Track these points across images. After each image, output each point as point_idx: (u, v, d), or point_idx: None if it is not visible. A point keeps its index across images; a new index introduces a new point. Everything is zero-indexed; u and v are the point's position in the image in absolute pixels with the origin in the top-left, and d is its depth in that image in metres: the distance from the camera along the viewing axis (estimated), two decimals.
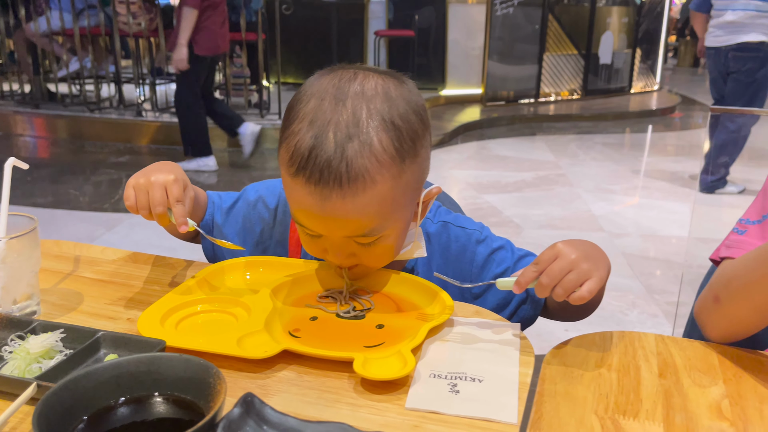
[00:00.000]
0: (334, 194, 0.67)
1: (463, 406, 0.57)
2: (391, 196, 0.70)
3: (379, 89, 0.70)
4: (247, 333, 0.66)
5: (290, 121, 0.70)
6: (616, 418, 0.56)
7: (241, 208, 0.92)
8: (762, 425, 0.56)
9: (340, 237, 0.72)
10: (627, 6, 7.66)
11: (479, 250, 0.85)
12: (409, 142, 0.70)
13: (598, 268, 0.66)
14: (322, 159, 0.66)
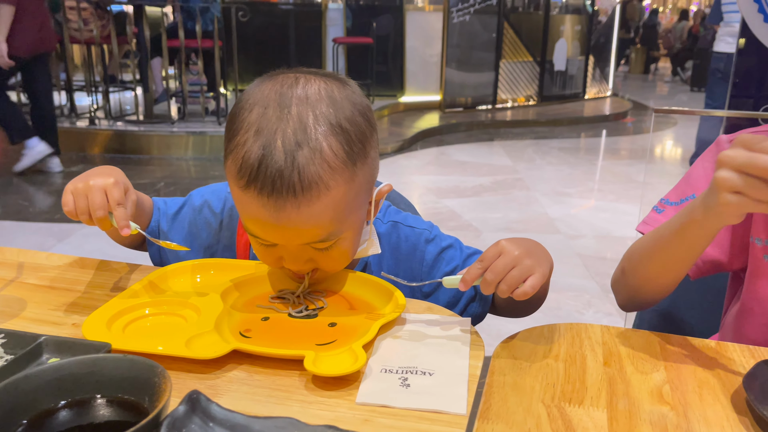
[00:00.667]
0: (289, 204, 0.66)
1: (413, 399, 0.57)
2: (345, 200, 0.69)
3: (323, 93, 0.70)
4: (196, 334, 0.65)
5: (234, 132, 0.69)
6: (562, 406, 0.58)
7: (186, 214, 0.91)
8: (700, 407, 0.58)
9: (296, 245, 0.71)
10: (580, 14, 7.88)
11: (429, 249, 0.86)
12: (358, 144, 0.70)
13: (541, 264, 0.68)
14: (272, 169, 0.65)
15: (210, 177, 4.51)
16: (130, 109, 5.44)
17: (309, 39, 6.75)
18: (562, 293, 2.78)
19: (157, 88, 5.37)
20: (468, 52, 6.96)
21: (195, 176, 4.58)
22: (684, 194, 0.83)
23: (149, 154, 4.94)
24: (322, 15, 6.71)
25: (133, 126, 5.11)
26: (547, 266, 0.70)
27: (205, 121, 5.16)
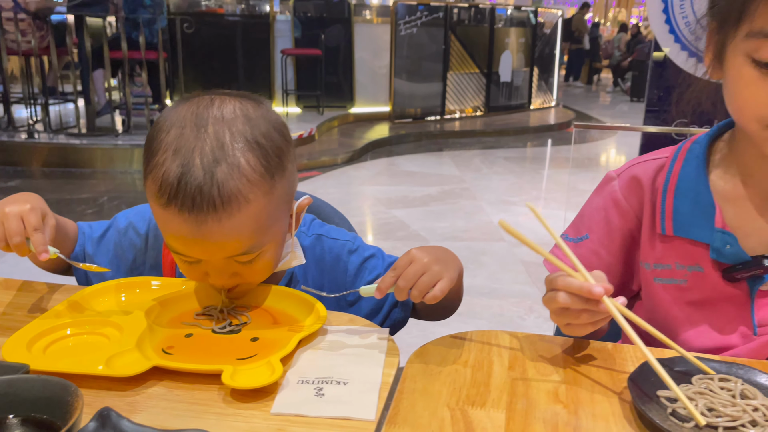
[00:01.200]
0: (210, 218, 0.68)
1: (326, 408, 0.60)
2: (265, 212, 0.72)
3: (238, 111, 0.72)
4: (117, 353, 0.66)
5: (153, 152, 0.71)
6: (465, 409, 0.62)
7: (112, 236, 0.92)
8: (591, 405, 0.63)
9: (220, 259, 0.73)
10: (524, 27, 8.12)
11: (352, 259, 0.90)
12: (275, 158, 0.73)
13: (449, 269, 0.73)
14: (192, 186, 0.67)
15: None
16: (72, 122, 5.30)
17: (257, 50, 6.74)
18: (506, 299, 2.87)
19: (100, 100, 5.26)
20: (416, 64, 7.08)
21: (140, 190, 4.50)
22: (579, 233, 0.88)
23: (92, 167, 4.83)
24: (270, 26, 6.71)
25: (75, 139, 4.99)
26: (454, 271, 0.74)
27: None
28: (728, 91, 0.71)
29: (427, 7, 7.01)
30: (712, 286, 0.78)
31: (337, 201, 4.38)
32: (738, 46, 0.68)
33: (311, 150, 5.54)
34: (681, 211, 0.79)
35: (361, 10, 7.61)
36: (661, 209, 0.80)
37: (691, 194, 0.78)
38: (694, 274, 0.79)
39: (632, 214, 0.84)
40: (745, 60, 0.67)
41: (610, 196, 0.86)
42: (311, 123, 6.10)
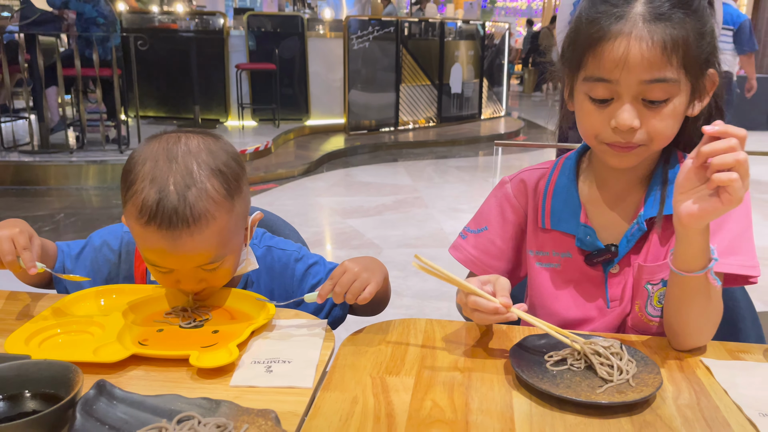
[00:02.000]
0: (184, 234, 0.84)
1: (274, 380, 0.77)
2: (227, 227, 0.89)
3: (202, 146, 0.90)
4: (101, 345, 0.81)
5: (131, 182, 0.87)
6: (383, 377, 0.79)
7: (88, 253, 1.07)
8: (482, 371, 0.81)
9: (191, 268, 0.89)
10: (472, 40, 8.41)
11: (298, 266, 1.07)
12: (234, 182, 0.90)
13: (375, 275, 0.92)
14: (169, 208, 0.83)
15: (112, 206, 4.50)
16: (24, 139, 5.29)
17: (212, 65, 6.82)
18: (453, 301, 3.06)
19: (53, 116, 5.27)
20: (370, 77, 7.27)
21: (96, 206, 4.54)
22: (480, 225, 1.09)
23: (46, 184, 4.84)
24: (225, 42, 6.81)
25: (28, 156, 4.99)
26: (380, 276, 0.93)
27: (106, 150, 5.12)
28: (577, 119, 0.94)
29: (379, 21, 7.23)
30: (577, 268, 1.00)
31: (294, 212, 4.54)
32: (580, 86, 0.90)
33: (268, 163, 5.66)
34: (556, 209, 1.01)
35: (314, 25, 7.78)
36: (542, 208, 1.03)
37: (564, 196, 1.01)
38: (565, 260, 1.01)
39: (521, 210, 1.06)
40: (584, 97, 0.90)
41: (504, 196, 1.07)
42: (267, 136, 6.22)
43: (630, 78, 0.84)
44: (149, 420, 0.63)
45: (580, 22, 0.89)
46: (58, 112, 5.32)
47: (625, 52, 0.83)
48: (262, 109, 7.02)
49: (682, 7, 0.85)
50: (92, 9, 4.91)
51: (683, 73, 0.85)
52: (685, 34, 0.84)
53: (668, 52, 0.83)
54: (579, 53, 0.88)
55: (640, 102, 0.86)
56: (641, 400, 0.73)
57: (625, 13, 0.84)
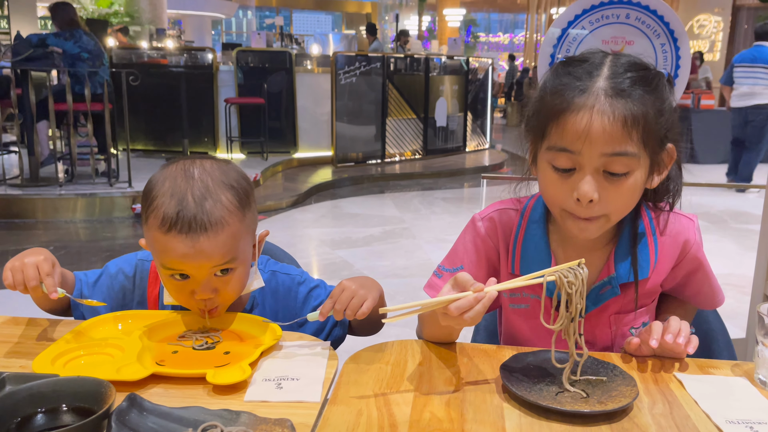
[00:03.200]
0: (202, 237, 0.94)
1: (284, 395, 0.83)
2: (239, 233, 0.99)
3: (215, 166, 1.01)
4: (123, 365, 0.88)
5: (152, 199, 0.97)
6: (385, 391, 0.86)
7: (104, 281, 1.14)
8: (475, 386, 0.89)
9: (205, 272, 0.97)
10: (457, 75, 8.62)
11: (300, 290, 1.15)
12: (244, 196, 1.01)
13: (371, 292, 1.00)
14: (189, 216, 0.94)
15: (102, 239, 4.53)
16: (14, 172, 5.32)
17: (201, 100, 6.93)
18: None
19: (43, 150, 5.31)
20: (356, 111, 7.42)
21: (85, 239, 4.57)
22: (454, 264, 1.10)
23: (35, 218, 4.86)
24: (214, 77, 6.94)
25: (17, 189, 5.01)
26: (376, 292, 1.01)
27: (96, 183, 5.16)
28: (540, 186, 0.98)
29: (365, 57, 7.42)
30: (546, 311, 1.02)
31: (284, 244, 4.56)
32: (543, 155, 0.94)
33: (256, 195, 5.64)
34: (526, 256, 1.05)
35: (302, 60, 7.95)
36: (513, 254, 1.07)
37: (533, 244, 1.05)
38: (535, 301, 1.07)
39: (493, 249, 1.09)
40: (547, 165, 0.93)
41: (477, 235, 1.09)
42: (256, 168, 6.31)
43: (592, 150, 0.87)
44: (177, 429, 0.69)
45: (545, 92, 0.93)
46: (49, 146, 5.37)
47: (587, 124, 0.86)
48: (250, 142, 7.12)
49: (642, 85, 0.89)
50: (74, 45, 4.98)
51: (642, 147, 0.89)
52: (645, 110, 0.88)
53: (628, 127, 0.87)
54: (543, 122, 0.92)
55: (601, 174, 0.89)
56: (620, 409, 0.81)
57: (588, 87, 0.88)
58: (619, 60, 0.92)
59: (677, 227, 1.06)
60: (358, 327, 1.14)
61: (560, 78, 0.92)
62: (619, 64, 0.91)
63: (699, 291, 1.12)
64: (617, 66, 0.91)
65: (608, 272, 1.03)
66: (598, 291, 1.04)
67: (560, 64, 0.96)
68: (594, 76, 0.90)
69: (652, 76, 0.92)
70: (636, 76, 0.90)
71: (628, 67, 0.91)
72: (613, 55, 0.94)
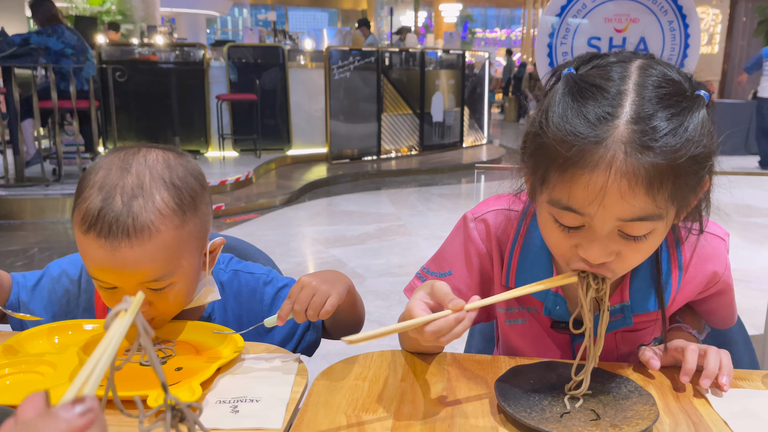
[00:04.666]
0: (123, 245, 0.78)
1: (240, 421, 0.70)
2: (175, 243, 0.82)
3: (160, 158, 0.84)
4: (53, 386, 0.74)
5: (81, 190, 0.82)
6: (360, 415, 0.73)
7: (45, 284, 0.99)
8: (465, 406, 0.76)
9: (134, 285, 0.82)
10: (453, 69, 8.50)
11: (267, 290, 1.01)
12: (188, 198, 0.84)
13: (336, 287, 0.86)
14: (110, 216, 0.78)
15: None
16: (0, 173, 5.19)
17: (192, 96, 6.79)
18: None
19: (29, 149, 5.18)
20: (351, 106, 7.29)
21: (72, 239, 4.42)
22: (442, 268, 0.95)
23: (21, 218, 4.73)
24: (205, 73, 6.80)
25: (3, 190, 4.88)
26: (342, 287, 0.87)
27: None
28: (541, 229, 0.80)
29: (360, 52, 7.28)
30: (543, 327, 0.92)
31: (276, 242, 4.46)
32: (544, 204, 0.75)
33: (249, 193, 5.59)
34: (523, 269, 0.89)
35: (295, 56, 7.81)
36: (508, 265, 0.91)
37: (533, 256, 0.89)
38: (532, 314, 0.93)
39: (486, 256, 0.93)
40: (549, 216, 0.75)
41: (469, 237, 0.93)
42: (248, 166, 6.18)
43: (605, 215, 0.69)
44: None
45: (547, 126, 0.71)
46: (34, 145, 5.24)
47: (602, 188, 0.67)
48: (243, 139, 6.98)
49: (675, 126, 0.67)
50: (57, 41, 4.85)
51: (670, 203, 0.70)
52: (676, 163, 0.67)
53: (654, 189, 0.67)
54: (543, 166, 0.72)
55: (616, 234, 0.72)
56: None
57: (604, 137, 0.67)
58: (645, 87, 0.69)
59: (707, 251, 0.89)
60: (333, 328, 1.01)
61: (568, 119, 0.69)
62: (645, 98, 0.68)
63: (716, 311, 0.99)
64: (643, 101, 0.68)
65: (621, 299, 0.88)
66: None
67: (570, 86, 0.72)
68: (612, 119, 0.67)
69: (688, 109, 0.69)
70: (668, 114, 0.68)
71: (658, 100, 0.68)
72: (638, 70, 0.71)
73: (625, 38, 1.59)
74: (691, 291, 0.91)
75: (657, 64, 0.73)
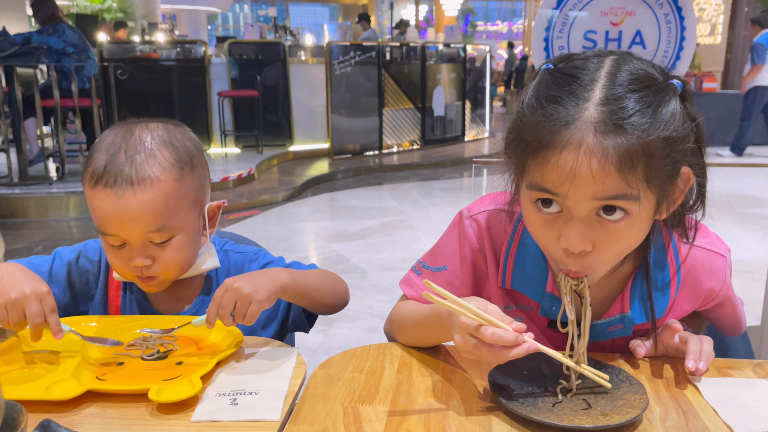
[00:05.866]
0: (128, 192, 0.87)
1: (238, 413, 0.72)
2: (174, 194, 0.91)
3: (161, 126, 0.95)
4: (55, 381, 0.76)
5: (90, 155, 0.93)
6: (356, 406, 0.75)
7: (60, 268, 1.03)
8: (460, 396, 0.77)
9: (139, 237, 0.89)
10: (454, 63, 8.48)
11: (252, 267, 1.06)
12: (185, 156, 0.94)
13: (260, 292, 0.86)
14: (116, 169, 0.88)
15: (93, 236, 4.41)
16: (3, 172, 5.22)
17: (193, 93, 6.81)
18: None
19: (32, 148, 5.20)
20: (352, 102, 7.30)
21: (77, 237, 4.46)
22: (437, 263, 0.96)
23: (25, 217, 4.76)
24: (206, 69, 6.81)
25: (7, 189, 4.91)
26: (268, 291, 0.87)
27: None
28: (525, 222, 0.81)
29: (360, 47, 7.28)
30: (540, 327, 0.92)
31: (278, 238, 4.48)
32: (524, 191, 0.77)
33: (251, 189, 5.61)
34: (520, 271, 0.90)
35: (296, 51, 7.82)
36: (504, 265, 0.91)
37: (529, 258, 0.89)
38: (528, 312, 0.93)
39: (480, 253, 0.94)
40: (530, 204, 0.76)
41: (464, 234, 0.94)
42: (250, 162, 6.19)
43: (579, 194, 0.70)
44: None
45: (522, 116, 0.74)
46: (37, 144, 5.26)
47: (572, 167, 0.69)
48: (245, 135, 6.99)
49: (644, 109, 0.69)
50: (58, 40, 4.87)
51: (645, 185, 0.71)
52: (647, 143, 0.69)
53: (625, 167, 0.68)
54: (521, 153, 0.74)
55: (594, 218, 0.72)
56: (627, 423, 0.70)
57: (573, 119, 0.69)
58: (617, 75, 0.72)
59: (706, 267, 0.89)
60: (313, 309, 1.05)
61: (540, 102, 0.72)
62: (616, 83, 0.71)
63: (717, 320, 1.00)
64: (614, 85, 0.71)
65: (621, 309, 0.88)
66: (605, 328, 0.89)
67: (545, 76, 0.75)
68: (582, 102, 0.70)
69: (658, 94, 0.71)
70: (637, 97, 0.70)
71: (628, 84, 0.71)
72: (612, 62, 0.74)
73: (621, 31, 1.60)
74: (687, 305, 0.91)
75: (633, 58, 0.76)
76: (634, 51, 0.80)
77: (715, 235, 0.92)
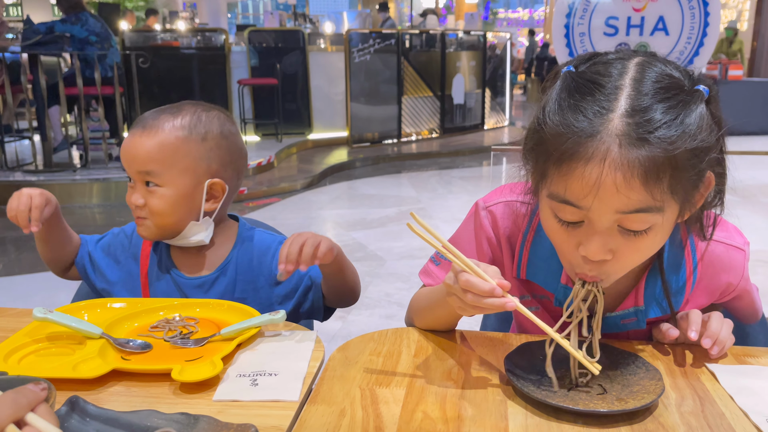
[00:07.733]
0: (138, 134, 1.03)
1: (258, 393, 0.74)
2: (170, 148, 1.02)
3: (202, 104, 1.08)
4: (82, 360, 0.79)
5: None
6: (374, 388, 0.76)
7: (107, 240, 1.19)
8: (475, 380, 0.78)
9: (136, 175, 1.02)
10: (474, 50, 8.41)
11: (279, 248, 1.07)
12: (201, 129, 1.04)
13: (324, 239, 0.93)
14: (144, 118, 1.04)
15: (116, 223, 4.49)
16: (28, 159, 5.31)
17: (214, 81, 6.85)
18: None
19: (56, 136, 5.29)
20: (372, 90, 7.28)
21: (100, 224, 4.53)
22: None
23: None
24: (226, 58, 6.84)
25: (32, 176, 5.00)
26: (330, 242, 0.95)
27: (109, 167, 5.12)
28: (543, 227, 0.80)
29: (380, 34, 7.25)
30: (554, 317, 0.91)
31: (297, 226, 4.51)
32: (544, 199, 0.76)
33: (270, 177, 5.65)
34: (534, 262, 0.91)
35: (315, 39, 7.81)
36: (519, 256, 0.92)
37: (545, 250, 0.89)
38: (544, 302, 0.94)
39: (495, 243, 0.95)
40: (550, 212, 0.75)
41: (480, 225, 0.95)
42: (270, 150, 6.22)
43: (602, 208, 0.69)
44: None
45: (544, 122, 0.72)
46: (61, 131, 5.35)
47: (597, 180, 0.67)
48: (264, 123, 7.03)
49: (671, 119, 0.67)
50: (81, 29, 4.93)
51: (670, 196, 0.69)
52: (674, 155, 0.67)
53: (650, 181, 0.67)
54: (542, 161, 0.73)
55: (615, 230, 0.72)
56: (642, 408, 0.70)
57: (598, 130, 0.67)
58: (642, 82, 0.70)
59: (724, 262, 0.89)
60: (330, 295, 1.08)
61: (563, 113, 0.70)
62: (642, 92, 0.69)
63: (734, 311, 1.00)
64: (639, 94, 0.68)
65: (635, 302, 0.88)
66: (618, 320, 0.90)
67: (566, 81, 0.73)
68: (607, 113, 0.68)
69: (685, 103, 0.69)
70: (664, 108, 0.68)
71: (654, 94, 0.68)
72: (636, 66, 0.72)
73: (644, 17, 1.57)
74: (703, 299, 0.91)
75: (657, 61, 0.73)
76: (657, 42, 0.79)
77: (734, 228, 0.91)
